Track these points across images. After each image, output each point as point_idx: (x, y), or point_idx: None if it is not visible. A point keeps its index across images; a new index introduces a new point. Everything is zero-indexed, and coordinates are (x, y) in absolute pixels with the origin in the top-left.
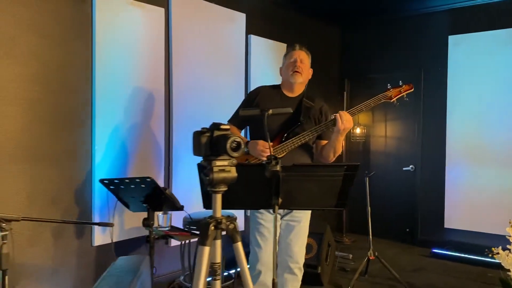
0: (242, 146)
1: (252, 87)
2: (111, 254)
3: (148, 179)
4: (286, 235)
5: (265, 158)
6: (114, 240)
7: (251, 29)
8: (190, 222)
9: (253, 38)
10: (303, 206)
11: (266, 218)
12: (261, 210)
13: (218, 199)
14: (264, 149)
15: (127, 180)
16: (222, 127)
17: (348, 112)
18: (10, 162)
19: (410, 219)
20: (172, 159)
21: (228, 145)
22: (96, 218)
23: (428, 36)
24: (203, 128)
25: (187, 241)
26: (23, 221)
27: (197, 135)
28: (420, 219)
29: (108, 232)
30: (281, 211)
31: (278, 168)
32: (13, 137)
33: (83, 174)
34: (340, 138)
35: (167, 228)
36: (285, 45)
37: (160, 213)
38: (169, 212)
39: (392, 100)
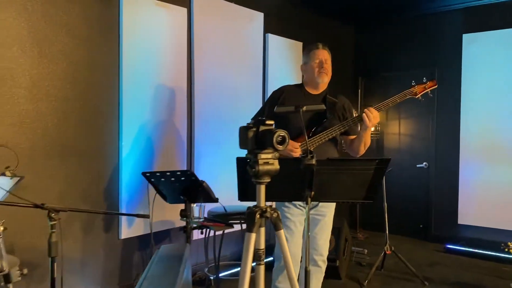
0: (287, 140)
1: (269, 84)
2: (136, 246)
3: (188, 172)
4: (312, 229)
5: (295, 155)
6: (139, 234)
7: (268, 28)
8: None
9: (271, 37)
10: (334, 198)
11: (292, 212)
12: (288, 205)
13: (262, 189)
14: (293, 148)
15: (168, 173)
16: (267, 122)
17: (374, 108)
18: (45, 157)
19: (424, 215)
20: (193, 154)
21: (274, 139)
22: (123, 212)
23: (442, 35)
24: (249, 124)
25: (210, 235)
26: (55, 215)
27: (244, 130)
28: (433, 215)
29: (133, 226)
30: (306, 206)
31: (313, 161)
32: (47, 133)
33: (111, 169)
34: (368, 132)
35: (201, 219)
36: (300, 43)
37: (194, 205)
38: (203, 204)
39: (417, 96)
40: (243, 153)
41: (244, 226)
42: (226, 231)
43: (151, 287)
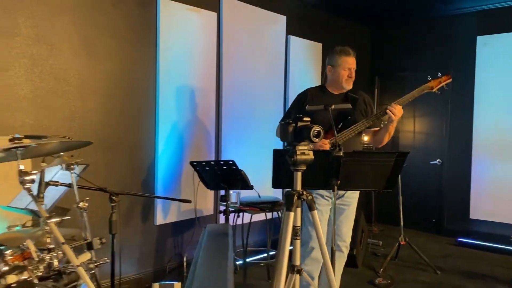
0: (322, 134)
1: (290, 84)
2: (169, 232)
3: (230, 162)
4: (337, 217)
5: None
6: (171, 221)
7: (290, 30)
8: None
9: (292, 39)
10: (357, 187)
11: (320, 202)
12: (316, 196)
13: (299, 176)
14: (323, 144)
15: (212, 162)
16: (304, 119)
17: (397, 103)
18: (91, 150)
19: (436, 210)
20: (220, 149)
21: (311, 133)
22: (157, 201)
23: (456, 36)
24: (288, 120)
25: (237, 223)
26: (100, 202)
27: (285, 125)
28: (446, 210)
29: (167, 214)
30: (332, 195)
31: (341, 153)
32: (93, 128)
33: (148, 162)
34: (394, 124)
35: (237, 204)
36: (320, 44)
37: (232, 191)
38: (239, 191)
39: (434, 90)
40: (266, 147)
41: (269, 214)
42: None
43: (208, 257)
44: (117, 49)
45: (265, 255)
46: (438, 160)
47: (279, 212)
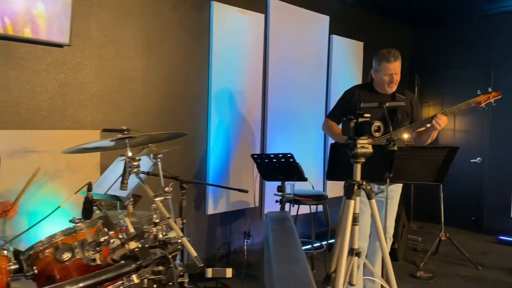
0: (382, 129)
1: (333, 83)
2: (218, 222)
3: (289, 155)
4: (380, 209)
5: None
6: (221, 211)
7: (333, 29)
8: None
9: (335, 38)
10: (408, 180)
11: (362, 194)
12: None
13: (359, 167)
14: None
15: (272, 155)
16: (364, 115)
17: (443, 114)
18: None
19: (476, 208)
20: (266, 144)
21: (372, 128)
22: (209, 192)
23: (499, 35)
24: (350, 116)
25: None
26: (186, 185)
27: (347, 121)
28: (486, 208)
29: (217, 204)
30: (375, 189)
31: (395, 148)
32: (154, 123)
33: (201, 155)
34: (436, 132)
35: (291, 195)
36: (361, 43)
37: (287, 183)
38: (293, 182)
39: (481, 105)
40: (308, 142)
41: (313, 207)
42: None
43: (279, 243)
44: (174, 49)
45: (309, 246)
46: (478, 158)
47: (325, 205)
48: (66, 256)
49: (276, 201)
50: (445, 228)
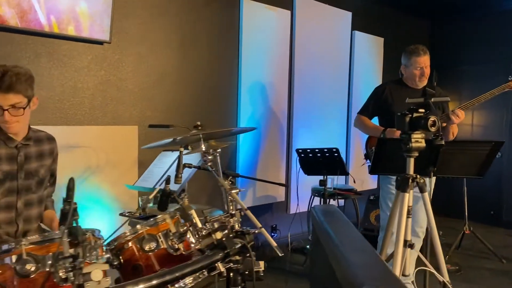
0: (437, 124)
1: (355, 78)
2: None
3: (335, 149)
4: (414, 204)
5: None
6: (248, 205)
7: (355, 25)
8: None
9: (357, 34)
10: (451, 174)
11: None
12: (393, 183)
13: (412, 161)
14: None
15: (317, 150)
16: (419, 110)
17: (461, 108)
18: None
19: (495, 202)
20: (292, 138)
21: (428, 123)
22: (239, 186)
23: None
24: (404, 112)
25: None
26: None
27: (401, 116)
28: (505, 202)
29: (245, 198)
30: None
31: (442, 142)
32: (188, 118)
33: (231, 149)
34: (454, 125)
35: (331, 189)
36: (381, 39)
37: (328, 177)
38: (334, 176)
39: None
40: (331, 136)
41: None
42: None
43: (340, 229)
44: (206, 45)
45: None
46: (497, 153)
47: (355, 200)
48: (152, 246)
49: (315, 195)
50: (463, 222)
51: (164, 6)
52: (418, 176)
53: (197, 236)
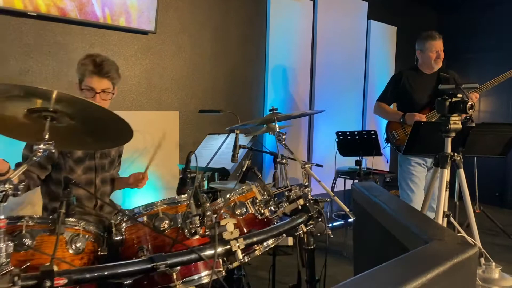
0: (474, 107)
1: (370, 67)
2: None
3: (373, 132)
4: (432, 183)
5: None
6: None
7: (370, 15)
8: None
9: (373, 23)
10: (477, 154)
11: (418, 169)
12: (413, 164)
13: (449, 141)
14: (420, 118)
15: (356, 132)
16: (458, 95)
17: (475, 92)
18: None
19: (500, 184)
20: (313, 123)
21: (467, 106)
22: (266, 166)
23: None
24: (444, 96)
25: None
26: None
27: (442, 100)
28: (510, 183)
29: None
30: (428, 164)
31: (473, 124)
32: (222, 104)
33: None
34: None
35: (365, 169)
36: (394, 27)
37: (361, 158)
38: (368, 157)
39: None
40: (348, 122)
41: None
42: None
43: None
44: (236, 35)
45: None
46: None
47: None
48: (242, 211)
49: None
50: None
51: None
52: (455, 154)
53: (275, 203)
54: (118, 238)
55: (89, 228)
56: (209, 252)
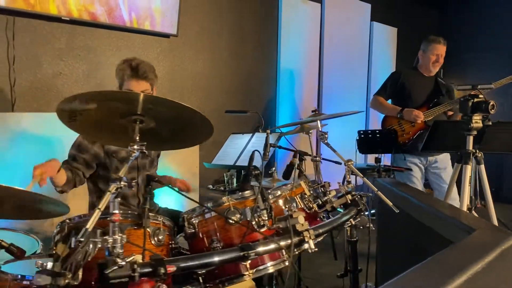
0: (495, 107)
1: (373, 67)
2: None
3: (392, 130)
4: (437, 184)
5: (419, 122)
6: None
7: (373, 16)
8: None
9: (375, 25)
10: (491, 150)
11: (414, 169)
12: (409, 164)
13: (471, 139)
14: (418, 114)
15: (377, 131)
16: (479, 96)
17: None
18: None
19: (495, 179)
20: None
21: (489, 106)
22: (279, 163)
23: None
24: (467, 97)
25: None
26: None
27: (464, 100)
28: (505, 179)
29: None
30: (425, 163)
31: (490, 123)
32: (237, 103)
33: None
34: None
35: (383, 165)
36: (395, 29)
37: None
38: (383, 155)
39: None
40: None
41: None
42: None
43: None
44: (250, 38)
45: None
46: None
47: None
48: (292, 206)
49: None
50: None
51: (217, 3)
52: (477, 151)
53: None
54: (191, 231)
55: (166, 222)
56: (284, 242)
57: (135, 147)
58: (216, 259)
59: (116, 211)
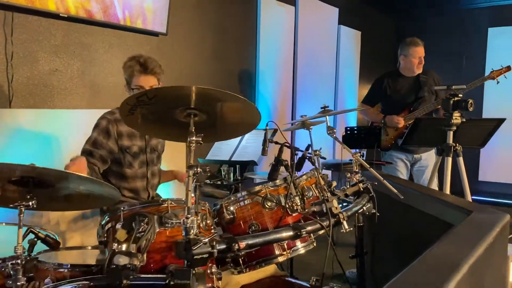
0: (473, 105)
1: (340, 68)
2: None
3: (377, 127)
4: (419, 178)
5: (400, 126)
6: None
7: (340, 20)
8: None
9: (342, 28)
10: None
11: (399, 164)
12: (395, 159)
13: (451, 134)
14: (399, 120)
15: (362, 128)
16: (459, 95)
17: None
18: None
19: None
20: (295, 117)
21: (468, 104)
22: None
23: (469, 28)
24: (449, 96)
25: None
26: None
27: (446, 99)
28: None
29: None
30: (411, 159)
31: (464, 119)
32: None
33: None
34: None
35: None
36: (359, 32)
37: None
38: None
39: (495, 79)
40: None
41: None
42: None
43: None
44: (232, 38)
45: None
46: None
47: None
48: (309, 194)
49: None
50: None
51: (201, 4)
52: (456, 144)
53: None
54: (230, 217)
55: (209, 208)
56: (325, 223)
57: (194, 138)
58: (276, 236)
59: (192, 195)
